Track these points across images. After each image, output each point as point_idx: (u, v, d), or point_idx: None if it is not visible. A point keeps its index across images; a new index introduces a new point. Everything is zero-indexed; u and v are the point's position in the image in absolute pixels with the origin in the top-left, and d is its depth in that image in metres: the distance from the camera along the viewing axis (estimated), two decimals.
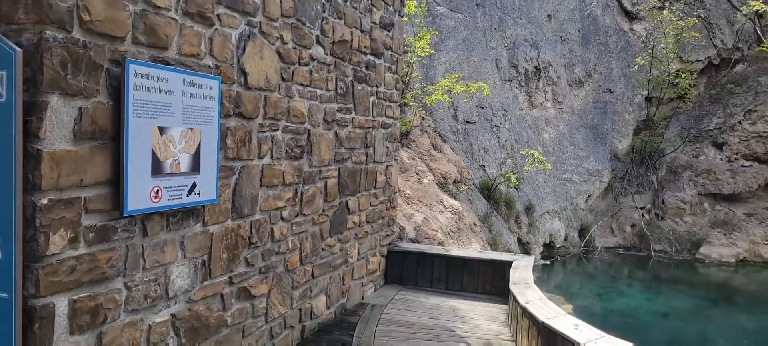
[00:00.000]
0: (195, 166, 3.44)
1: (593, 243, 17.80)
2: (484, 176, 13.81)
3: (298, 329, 5.42)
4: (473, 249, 9.40)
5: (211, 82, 3.52)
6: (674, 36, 18.40)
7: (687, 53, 20.08)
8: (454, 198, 11.28)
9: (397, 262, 7.93)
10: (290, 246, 5.04)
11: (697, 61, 20.59)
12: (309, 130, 5.17)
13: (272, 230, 4.72)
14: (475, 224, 11.00)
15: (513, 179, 12.46)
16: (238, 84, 4.03)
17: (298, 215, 5.13)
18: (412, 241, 8.63)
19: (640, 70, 19.23)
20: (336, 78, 5.63)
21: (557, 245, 16.77)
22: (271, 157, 4.57)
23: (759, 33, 20.80)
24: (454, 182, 11.82)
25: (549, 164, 13.15)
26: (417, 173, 10.57)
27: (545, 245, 16.30)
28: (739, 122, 19.03)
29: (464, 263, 7.75)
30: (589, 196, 18.51)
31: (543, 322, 4.72)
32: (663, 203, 18.73)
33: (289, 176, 4.88)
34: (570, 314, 10.48)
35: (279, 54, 4.52)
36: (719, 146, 19.54)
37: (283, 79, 4.63)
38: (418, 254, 7.88)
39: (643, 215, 18.43)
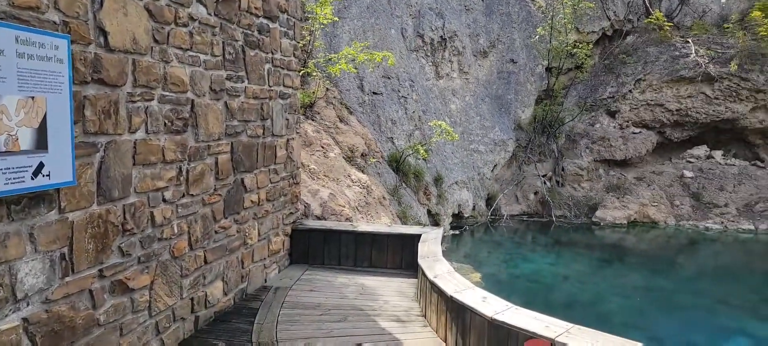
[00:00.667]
0: (41, 143, 2.94)
1: (499, 211, 18.62)
2: (393, 148, 13.84)
3: (190, 321, 5.02)
4: (382, 224, 9.36)
5: (58, 41, 3.00)
6: (572, 7, 19.44)
7: (583, 24, 21.34)
8: (362, 172, 11.16)
9: (303, 240, 7.68)
10: (176, 231, 4.61)
11: (593, 32, 21.97)
12: (193, 100, 4.71)
13: (152, 213, 4.27)
14: (384, 198, 10.97)
15: (421, 150, 12.57)
16: (97, 45, 3.50)
17: (184, 195, 4.69)
18: (318, 218, 8.39)
19: (541, 41, 20.17)
20: (223, 42, 5.17)
21: (466, 215, 17.34)
22: (146, 132, 4.10)
23: (647, 5, 22.60)
24: (362, 155, 11.69)
25: (456, 135, 13.43)
26: (323, 147, 10.30)
27: (454, 216, 16.78)
28: (630, 91, 20.64)
29: (373, 239, 7.66)
30: (495, 165, 19.29)
31: (451, 296, 4.72)
32: (563, 170, 19.98)
33: (170, 152, 4.42)
34: (478, 282, 10.87)
35: (149, 11, 4.01)
36: (612, 114, 21.12)
37: (156, 40, 4.14)
38: (324, 232, 7.67)
39: (545, 183, 19.55)
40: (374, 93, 14.11)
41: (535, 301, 10.44)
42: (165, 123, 4.33)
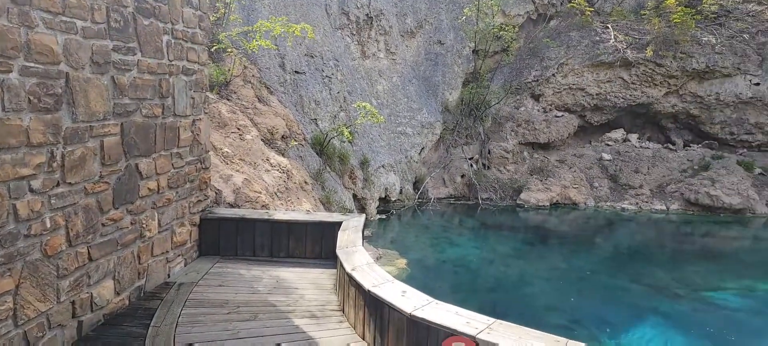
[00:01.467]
0: None
1: (427, 195, 18.73)
2: (316, 131, 13.43)
3: (72, 327, 4.48)
4: (300, 211, 8.99)
5: None
6: None
7: (509, 7, 21.73)
8: (283, 155, 10.70)
9: (213, 230, 7.19)
10: (49, 225, 4.04)
11: (518, 15, 22.43)
12: (67, 73, 4.12)
13: (15, 206, 3.69)
14: (306, 182, 10.59)
15: (346, 132, 12.26)
16: None
17: (59, 184, 4.12)
18: (231, 205, 7.90)
19: (468, 22, 20.33)
20: (107, 7, 4.58)
21: (393, 199, 17.28)
22: (3, 109, 3.50)
23: None
24: (283, 137, 11.21)
25: (382, 117, 13.21)
26: (239, 129, 9.72)
27: (381, 199, 16.66)
28: (553, 75, 21.32)
29: (290, 227, 7.29)
30: (422, 148, 19.34)
31: (369, 290, 4.49)
32: (489, 152, 20.39)
33: (37, 134, 3.84)
34: (404, 268, 10.75)
35: None
36: (536, 98, 21.76)
37: (14, 1, 3.53)
38: (237, 220, 7.21)
39: (471, 165, 19.86)
40: (296, 72, 13.59)
41: (461, 286, 10.54)
42: (30, 99, 3.73)
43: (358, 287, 4.75)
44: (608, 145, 21.42)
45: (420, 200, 18.36)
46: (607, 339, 8.34)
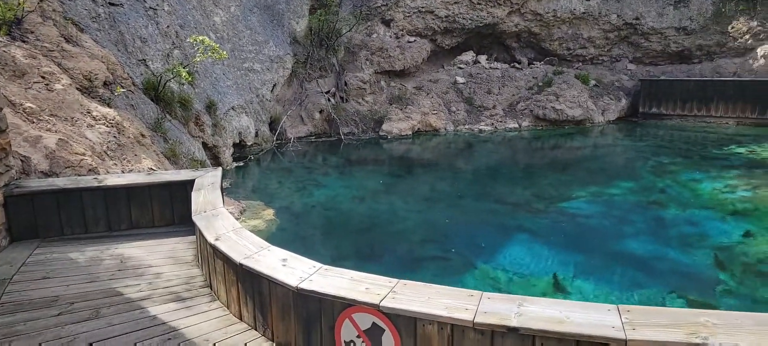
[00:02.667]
0: None
1: (285, 135, 17.93)
2: (148, 73, 11.80)
3: None
4: (141, 172, 7.81)
5: None
6: None
7: None
8: (108, 105, 9.18)
9: (26, 208, 5.91)
10: None
11: None
12: None
13: None
14: (143, 135, 9.25)
15: (184, 73, 10.90)
16: None
17: None
18: (46, 174, 6.54)
19: None
20: None
21: (249, 143, 16.24)
22: None
23: None
24: (105, 84, 9.59)
25: (225, 52, 11.98)
26: (43, 77, 8.02)
27: (236, 145, 15.57)
28: None
29: (129, 193, 6.25)
30: (274, 85, 18.29)
31: (241, 264, 3.86)
32: (346, 85, 19.97)
33: None
34: (272, 219, 10.06)
35: None
36: (387, 23, 21.60)
37: None
38: (56, 193, 5.98)
39: (329, 100, 19.33)
40: (111, 4, 11.65)
41: (335, 231, 10.22)
42: None
43: (227, 260, 4.09)
44: (460, 68, 22.20)
45: (278, 142, 17.53)
46: (483, 263, 8.66)
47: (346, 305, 3.23)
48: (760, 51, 19.64)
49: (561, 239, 9.81)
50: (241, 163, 15.09)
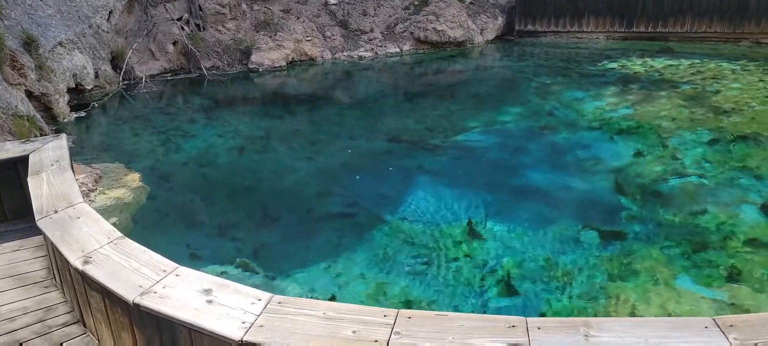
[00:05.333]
0: None
1: (133, 73, 15.70)
2: None
3: None
4: None
5: None
6: None
7: None
8: None
9: None
10: None
11: None
12: None
13: None
14: None
15: None
16: None
17: None
18: None
19: None
20: None
21: (88, 87, 13.96)
22: None
23: None
24: None
25: None
26: None
27: (72, 91, 13.27)
28: None
29: None
30: (110, 12, 15.76)
31: (138, 304, 2.79)
32: (201, 9, 17.83)
33: None
34: (140, 187, 8.59)
35: None
36: None
37: None
38: None
39: (182, 28, 17.17)
40: None
41: (216, 192, 9.03)
42: None
43: (109, 295, 3.02)
44: None
45: (127, 82, 15.31)
46: (391, 215, 8.17)
47: None
48: None
49: (465, 178, 9.60)
50: (83, 114, 12.91)
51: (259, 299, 2.66)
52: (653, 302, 6.16)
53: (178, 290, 2.79)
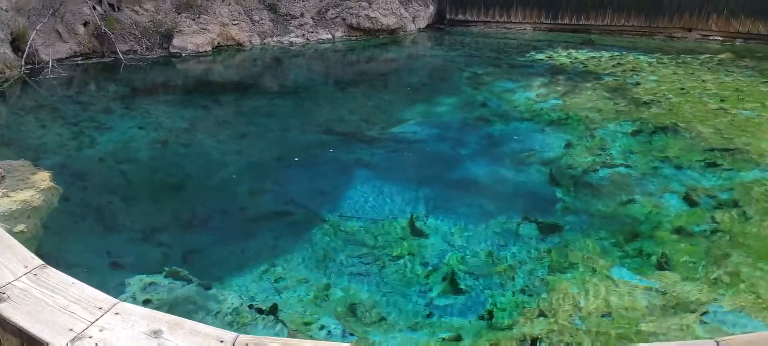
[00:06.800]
0: None
1: (38, 57, 14.38)
2: None
3: None
4: None
5: None
6: None
7: None
8: None
9: None
10: None
11: None
12: None
13: None
14: None
15: None
16: None
17: None
18: None
19: None
20: None
21: None
22: None
23: None
24: None
25: None
26: None
27: None
28: None
29: None
30: None
31: None
32: None
33: None
34: (51, 186, 7.81)
35: None
36: None
37: None
38: None
39: (94, 7, 15.91)
40: None
41: (138, 192, 8.36)
42: None
43: (31, 342, 2.58)
44: None
45: (30, 67, 14.01)
46: (330, 213, 7.90)
47: None
48: None
49: (404, 172, 9.47)
50: None
51: (222, 342, 2.33)
52: (594, 294, 6.28)
53: (119, 332, 2.40)
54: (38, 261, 2.88)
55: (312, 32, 18.13)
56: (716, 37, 18.76)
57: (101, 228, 7.28)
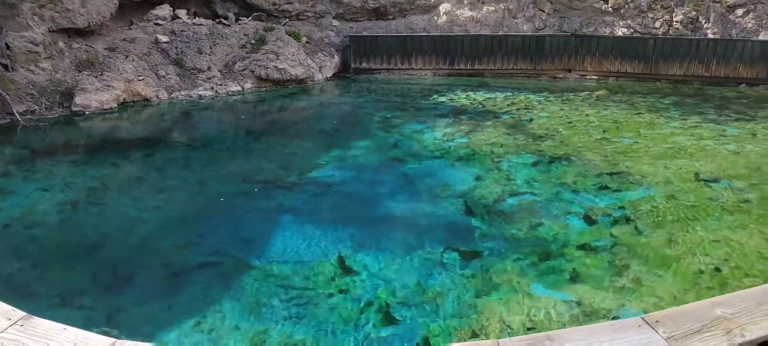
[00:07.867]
0: None
1: None
2: None
3: None
4: None
5: None
6: None
7: None
8: None
9: None
10: None
11: None
12: None
13: None
14: None
15: None
16: None
17: None
18: None
19: None
20: None
21: None
22: None
23: None
24: None
25: None
26: None
27: None
28: None
29: None
30: None
31: None
32: (8, 48, 15.57)
33: None
34: None
35: None
36: None
37: None
38: None
39: None
40: None
41: (51, 257, 7.74)
42: None
43: None
44: (158, 24, 19.63)
45: None
46: (258, 259, 7.75)
47: None
48: (442, 9, 22.58)
49: (327, 213, 9.50)
50: None
51: None
52: (518, 311, 6.59)
53: None
54: (21, 312, 2.65)
55: (221, 85, 17.89)
56: (592, 76, 20.67)
57: (13, 297, 6.64)
